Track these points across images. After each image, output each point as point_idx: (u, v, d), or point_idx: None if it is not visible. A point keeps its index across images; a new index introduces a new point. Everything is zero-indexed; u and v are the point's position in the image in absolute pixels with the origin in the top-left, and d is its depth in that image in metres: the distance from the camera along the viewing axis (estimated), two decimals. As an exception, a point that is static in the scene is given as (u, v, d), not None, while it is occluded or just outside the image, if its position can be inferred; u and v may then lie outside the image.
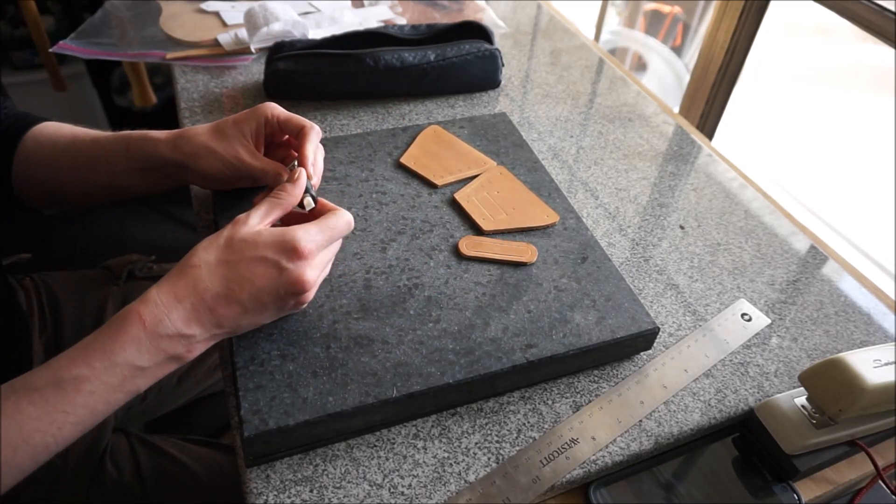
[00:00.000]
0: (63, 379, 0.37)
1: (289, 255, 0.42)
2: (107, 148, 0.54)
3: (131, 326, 0.38)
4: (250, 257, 0.41)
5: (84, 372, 0.37)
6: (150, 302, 0.39)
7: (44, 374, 0.37)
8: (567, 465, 0.45)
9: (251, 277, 0.41)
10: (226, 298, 0.41)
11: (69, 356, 0.38)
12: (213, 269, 0.41)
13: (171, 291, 0.40)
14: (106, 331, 0.39)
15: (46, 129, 0.56)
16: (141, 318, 0.39)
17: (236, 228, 0.43)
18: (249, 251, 0.42)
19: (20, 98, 1.57)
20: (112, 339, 0.38)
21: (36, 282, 0.76)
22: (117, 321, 0.39)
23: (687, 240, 0.65)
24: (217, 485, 0.68)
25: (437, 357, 0.46)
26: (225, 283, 0.41)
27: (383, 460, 0.44)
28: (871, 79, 1.52)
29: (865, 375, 0.43)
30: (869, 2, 0.91)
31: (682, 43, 2.00)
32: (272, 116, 0.53)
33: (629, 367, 0.52)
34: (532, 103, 0.82)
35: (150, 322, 0.39)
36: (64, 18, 1.59)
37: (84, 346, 0.39)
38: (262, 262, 0.42)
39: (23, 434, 0.36)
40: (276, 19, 0.81)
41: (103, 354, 0.38)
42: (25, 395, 0.36)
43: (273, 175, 0.52)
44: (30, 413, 0.36)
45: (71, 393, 0.37)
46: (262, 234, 0.42)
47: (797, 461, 0.46)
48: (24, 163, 0.55)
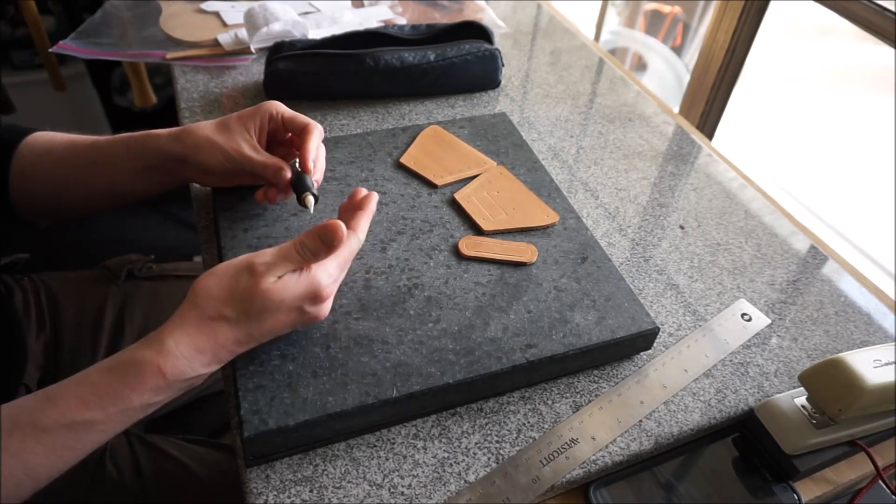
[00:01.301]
0: (75, 422, 0.37)
1: (312, 300, 0.42)
2: (106, 151, 0.54)
3: (150, 377, 0.38)
4: (273, 310, 0.41)
5: (98, 416, 0.38)
6: (171, 355, 0.39)
7: (52, 414, 0.37)
8: (567, 465, 0.45)
9: (273, 324, 0.42)
10: (246, 342, 0.42)
11: (80, 397, 0.38)
12: (234, 323, 0.40)
13: (192, 344, 0.39)
14: (120, 377, 0.38)
15: (41, 138, 0.56)
16: (161, 370, 0.38)
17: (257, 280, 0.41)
18: (274, 306, 0.41)
19: (20, 98, 1.57)
20: (128, 388, 0.38)
21: (35, 282, 0.75)
22: (133, 371, 0.38)
23: (687, 240, 0.65)
24: (217, 485, 0.68)
25: (437, 357, 0.46)
26: (247, 333, 0.41)
27: (383, 460, 0.44)
28: (871, 79, 1.51)
29: (865, 375, 0.43)
30: (869, 2, 0.91)
31: (682, 43, 2.00)
32: (276, 114, 0.53)
33: (629, 367, 0.52)
34: (532, 103, 0.82)
35: (171, 374, 0.39)
36: (64, 18, 1.59)
37: (94, 389, 0.38)
38: (286, 311, 0.42)
39: (27, 470, 0.36)
40: (276, 19, 0.81)
41: (119, 400, 0.38)
42: (32, 434, 0.36)
43: (273, 170, 0.52)
44: (37, 452, 0.36)
45: (82, 434, 0.38)
46: (288, 289, 0.41)
47: (797, 461, 0.46)
48: (21, 174, 0.55)
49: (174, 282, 0.84)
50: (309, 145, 0.51)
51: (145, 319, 0.78)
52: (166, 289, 0.82)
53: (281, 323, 0.42)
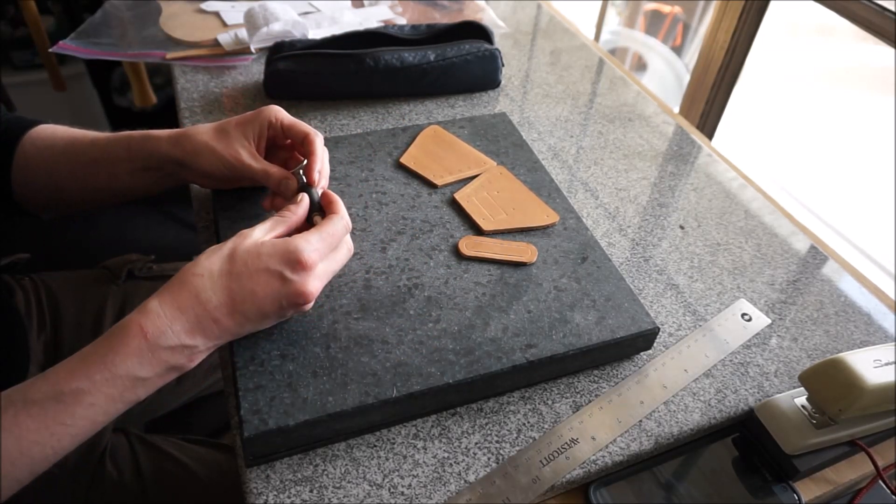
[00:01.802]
0: (62, 392, 0.37)
1: (292, 266, 0.42)
2: (106, 149, 0.54)
3: (132, 339, 0.38)
4: (254, 269, 0.41)
5: (84, 385, 0.37)
6: (152, 313, 0.39)
7: (42, 387, 0.37)
8: (567, 465, 0.45)
9: (254, 289, 0.41)
10: (229, 309, 0.41)
11: (68, 368, 0.38)
12: (216, 280, 0.41)
13: (174, 303, 0.39)
14: (105, 342, 0.38)
15: (43, 132, 0.56)
16: (142, 329, 0.38)
17: (240, 241, 0.43)
18: (253, 263, 0.41)
19: (20, 98, 1.57)
20: (112, 352, 0.38)
21: (35, 282, 0.76)
22: (117, 333, 0.39)
23: (687, 240, 0.65)
24: (217, 485, 0.68)
25: (437, 357, 0.46)
26: (228, 294, 0.41)
27: (383, 460, 0.44)
28: (871, 79, 1.51)
29: (865, 375, 0.43)
30: (869, 2, 0.91)
31: (682, 43, 2.00)
32: (276, 120, 0.53)
33: (629, 367, 0.52)
34: (532, 103, 0.82)
35: (151, 334, 0.38)
36: (64, 18, 1.59)
37: (83, 357, 0.38)
38: (265, 273, 0.42)
39: (21, 447, 0.36)
40: (276, 19, 0.81)
41: (104, 367, 0.38)
42: (24, 409, 0.36)
43: (277, 180, 0.51)
44: (28, 426, 0.36)
45: (71, 406, 0.37)
46: (265, 245, 0.42)
47: (797, 461, 0.46)
48: (23, 167, 0.55)
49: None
50: (315, 158, 0.51)
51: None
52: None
53: (262, 288, 0.41)
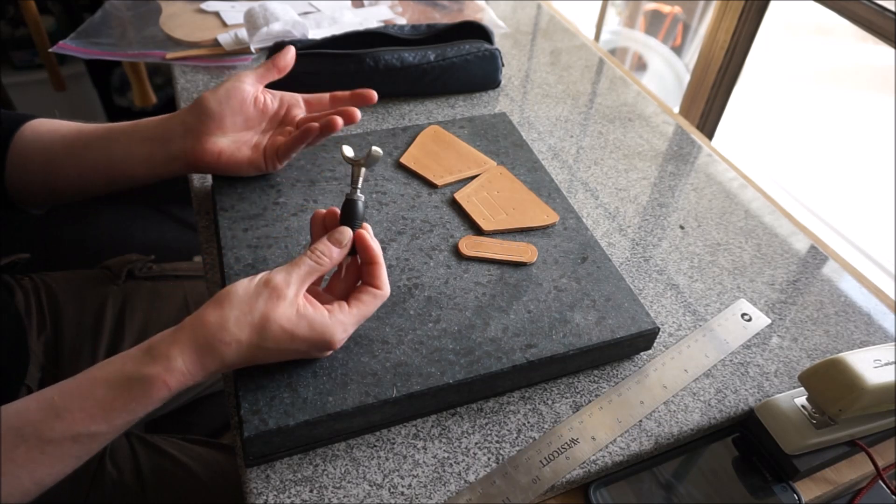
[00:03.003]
0: (80, 433, 0.38)
1: (321, 349, 0.43)
2: (111, 128, 0.55)
3: (157, 391, 0.39)
4: (284, 347, 0.41)
5: (103, 428, 0.38)
6: (177, 372, 0.39)
7: (57, 427, 0.37)
8: (567, 465, 0.45)
9: (279, 355, 0.42)
10: (251, 363, 0.42)
11: (86, 412, 0.38)
12: (244, 350, 0.41)
13: (199, 362, 0.40)
14: (127, 394, 0.38)
15: (43, 125, 0.56)
16: (167, 385, 0.39)
17: (272, 306, 0.41)
18: (285, 343, 0.41)
19: (20, 98, 1.58)
20: (136, 402, 0.38)
21: (35, 282, 0.76)
22: (140, 386, 0.38)
23: (687, 240, 0.65)
24: (217, 485, 0.68)
25: (437, 357, 0.46)
26: (253, 356, 0.41)
27: (383, 460, 0.44)
28: (871, 79, 1.51)
29: (865, 375, 0.43)
30: (869, 2, 0.91)
31: (682, 43, 2.00)
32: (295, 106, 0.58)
33: (629, 367, 0.52)
34: (532, 103, 0.82)
35: (176, 388, 0.39)
36: (64, 18, 1.60)
37: (101, 405, 0.38)
38: (294, 350, 0.42)
39: (35, 479, 0.37)
40: (276, 19, 0.81)
41: (126, 414, 0.39)
42: (38, 447, 0.37)
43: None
44: (43, 462, 0.37)
45: (87, 444, 0.38)
46: (301, 327, 0.41)
47: (797, 461, 0.46)
48: (20, 155, 0.55)
49: (174, 282, 0.84)
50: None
51: (145, 319, 0.78)
52: (166, 289, 0.83)
53: (286, 355, 0.43)
